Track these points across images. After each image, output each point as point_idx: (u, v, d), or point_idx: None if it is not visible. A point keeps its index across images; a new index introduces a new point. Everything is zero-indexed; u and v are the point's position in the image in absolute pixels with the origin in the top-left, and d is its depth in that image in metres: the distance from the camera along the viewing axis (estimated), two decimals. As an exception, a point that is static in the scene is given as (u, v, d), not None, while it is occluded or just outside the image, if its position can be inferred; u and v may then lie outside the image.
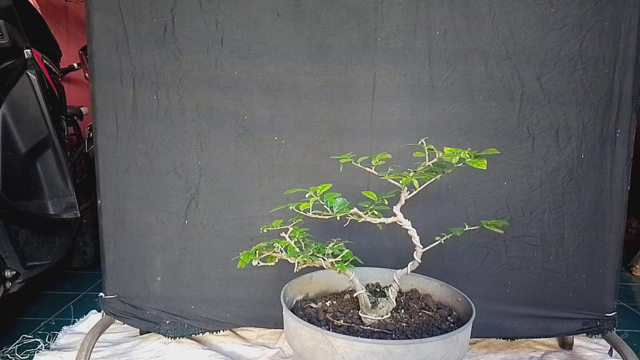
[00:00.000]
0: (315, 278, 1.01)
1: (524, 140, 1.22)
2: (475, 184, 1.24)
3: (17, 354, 1.34)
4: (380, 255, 1.23)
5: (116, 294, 1.29)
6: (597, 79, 1.20)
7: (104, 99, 1.22)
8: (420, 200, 1.18)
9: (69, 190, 1.50)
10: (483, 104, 1.21)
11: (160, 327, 1.30)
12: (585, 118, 1.21)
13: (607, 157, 1.23)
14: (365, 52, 1.20)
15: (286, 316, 0.82)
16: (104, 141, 1.24)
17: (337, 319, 0.85)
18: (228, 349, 1.36)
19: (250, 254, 0.78)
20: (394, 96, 1.21)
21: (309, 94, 1.22)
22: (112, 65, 1.20)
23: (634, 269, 2.27)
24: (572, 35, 1.18)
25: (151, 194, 1.25)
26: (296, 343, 0.79)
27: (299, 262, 0.78)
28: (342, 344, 0.71)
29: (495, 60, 1.19)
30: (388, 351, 0.69)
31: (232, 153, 1.24)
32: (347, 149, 1.19)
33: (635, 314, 1.76)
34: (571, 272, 1.26)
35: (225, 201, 1.26)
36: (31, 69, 1.43)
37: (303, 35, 1.19)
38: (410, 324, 0.84)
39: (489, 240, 1.26)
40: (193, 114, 1.23)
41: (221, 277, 1.28)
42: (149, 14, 1.19)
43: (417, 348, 0.70)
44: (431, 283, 1.01)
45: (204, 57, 1.20)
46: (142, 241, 1.27)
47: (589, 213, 1.25)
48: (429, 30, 1.19)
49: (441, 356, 0.73)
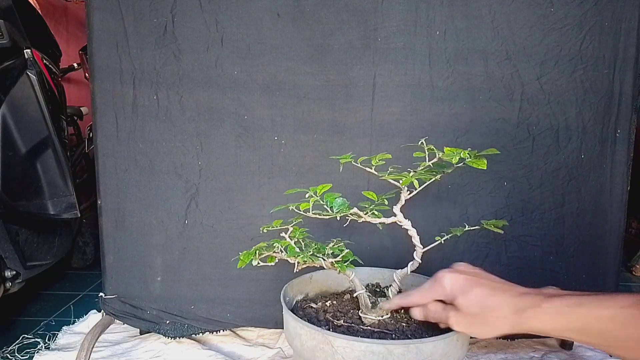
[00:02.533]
0: (315, 278, 1.01)
1: (524, 140, 1.22)
2: (475, 184, 1.24)
3: (17, 354, 1.34)
4: (380, 255, 1.23)
5: (116, 294, 1.29)
6: (597, 79, 1.20)
7: (104, 99, 1.22)
8: (420, 200, 1.18)
9: (69, 190, 1.50)
10: (483, 104, 1.21)
11: (160, 327, 1.30)
12: (585, 118, 1.21)
13: (607, 157, 1.23)
14: (365, 52, 1.20)
15: (286, 316, 0.82)
16: (104, 141, 1.24)
17: (337, 319, 0.85)
18: (228, 349, 1.36)
19: (251, 254, 0.78)
20: (394, 96, 1.21)
21: (309, 94, 1.22)
22: (112, 65, 1.20)
23: (634, 269, 2.27)
24: (572, 35, 1.18)
25: (151, 194, 1.25)
26: (296, 343, 0.79)
27: (299, 262, 0.78)
28: (342, 344, 0.71)
29: (495, 60, 1.19)
30: (388, 351, 0.69)
31: (232, 153, 1.24)
32: (347, 149, 1.18)
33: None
34: (571, 272, 1.26)
35: (225, 201, 1.26)
36: (31, 69, 1.43)
37: (303, 35, 1.19)
38: (410, 324, 0.84)
39: (489, 240, 1.26)
40: (193, 114, 1.23)
41: (221, 277, 1.28)
42: (149, 14, 1.19)
43: (417, 348, 0.70)
44: (428, 282, 1.01)
45: (204, 57, 1.20)
46: (142, 241, 1.27)
47: (589, 213, 1.25)
48: (429, 30, 1.19)
49: (441, 356, 0.73)
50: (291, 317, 0.80)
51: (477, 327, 0.69)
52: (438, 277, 0.74)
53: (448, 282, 0.72)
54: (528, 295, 0.67)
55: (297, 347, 0.79)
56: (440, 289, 0.73)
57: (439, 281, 0.73)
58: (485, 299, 0.68)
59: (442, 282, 0.72)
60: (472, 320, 0.69)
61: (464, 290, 0.69)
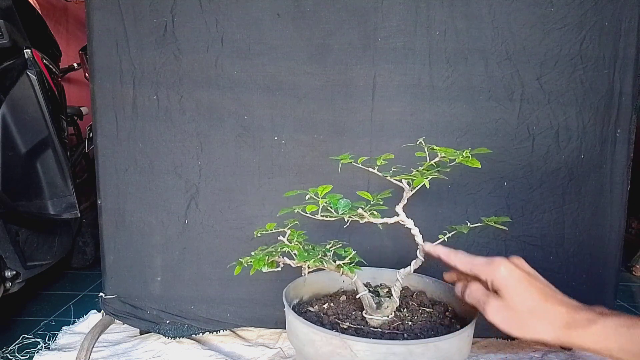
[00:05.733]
0: (309, 280, 0.99)
1: (524, 140, 1.22)
2: (475, 184, 1.24)
3: (17, 354, 1.34)
4: (381, 256, 1.23)
5: (116, 294, 1.29)
6: (597, 79, 1.20)
7: (104, 99, 1.22)
8: (420, 201, 1.18)
9: (69, 190, 1.50)
10: (483, 104, 1.21)
11: (160, 327, 1.30)
12: (585, 118, 1.21)
13: (607, 157, 1.23)
14: (365, 52, 1.20)
15: (294, 322, 0.79)
16: (104, 141, 1.24)
17: (342, 321, 0.84)
18: (228, 349, 1.36)
19: (261, 260, 0.76)
20: (394, 96, 1.21)
21: (309, 94, 1.22)
22: (112, 65, 1.20)
23: (634, 269, 2.27)
24: (572, 35, 1.18)
25: (151, 194, 1.25)
26: (308, 349, 0.76)
27: (309, 266, 0.76)
28: (362, 347, 0.69)
29: (495, 60, 1.19)
30: (409, 351, 0.69)
31: (232, 153, 1.24)
32: (347, 149, 1.18)
33: (635, 314, 1.76)
34: (571, 272, 1.26)
35: (225, 201, 1.26)
36: (31, 69, 1.43)
37: (303, 35, 1.19)
38: (415, 322, 0.84)
39: (489, 240, 1.26)
40: (193, 114, 1.23)
41: (221, 277, 1.28)
42: (149, 14, 1.19)
43: (435, 346, 0.71)
44: (422, 280, 1.01)
45: (204, 57, 1.20)
46: (142, 241, 1.27)
47: (589, 213, 1.25)
48: (429, 30, 1.19)
49: (455, 352, 0.73)
50: (302, 323, 0.77)
51: (516, 324, 0.66)
52: (495, 260, 0.70)
53: (504, 270, 0.69)
54: (583, 312, 0.64)
55: (310, 354, 0.76)
56: (491, 271, 0.70)
57: (494, 264, 0.70)
58: (538, 302, 0.66)
59: (497, 266, 0.69)
60: (513, 317, 0.66)
61: (518, 286, 0.67)
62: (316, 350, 0.75)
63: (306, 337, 0.77)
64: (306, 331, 0.76)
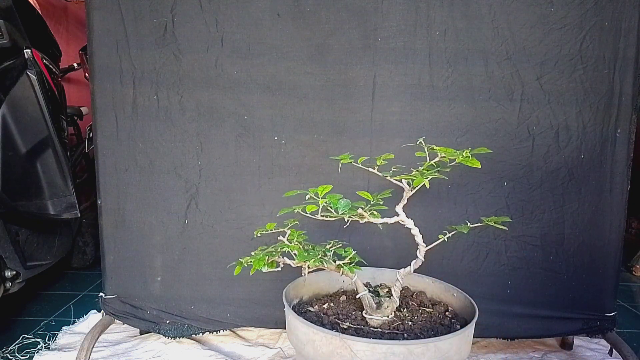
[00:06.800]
0: (309, 280, 0.99)
1: (524, 140, 1.22)
2: (475, 184, 1.24)
3: (17, 354, 1.34)
4: (381, 256, 1.23)
5: (116, 294, 1.29)
6: (597, 79, 1.20)
7: (104, 99, 1.22)
8: (420, 200, 1.18)
9: (69, 190, 1.50)
10: (483, 104, 1.21)
11: (160, 327, 1.30)
12: (585, 118, 1.21)
13: (607, 157, 1.23)
14: (365, 52, 1.20)
15: (294, 322, 0.80)
16: (104, 141, 1.24)
17: (342, 321, 0.84)
18: (228, 349, 1.36)
19: (261, 260, 0.76)
20: (394, 96, 1.21)
21: (309, 94, 1.22)
22: (112, 65, 1.20)
23: (634, 269, 2.27)
24: (572, 35, 1.18)
25: (151, 194, 1.25)
26: (308, 349, 0.76)
27: (309, 266, 0.76)
28: (362, 347, 0.70)
29: (495, 60, 1.19)
30: (409, 351, 0.69)
31: (232, 153, 1.24)
32: (347, 149, 1.18)
33: (635, 314, 1.76)
34: (571, 272, 1.26)
35: (225, 201, 1.26)
36: (31, 69, 1.42)
37: (303, 35, 1.19)
38: (415, 322, 0.84)
39: (489, 240, 1.26)
40: (193, 114, 1.23)
41: (221, 277, 1.28)
42: (149, 14, 1.19)
43: (436, 346, 0.71)
44: (422, 280, 1.01)
45: (204, 57, 1.20)
46: (142, 241, 1.27)
47: (589, 213, 1.25)
48: (429, 30, 1.19)
49: (455, 352, 0.73)
50: (302, 323, 0.77)
51: None
52: None
53: None
54: None
55: (309, 354, 0.77)
56: None
57: None
58: None
59: None
60: None
61: None
62: (316, 350, 0.75)
63: (306, 337, 0.77)
64: (306, 331, 0.76)
